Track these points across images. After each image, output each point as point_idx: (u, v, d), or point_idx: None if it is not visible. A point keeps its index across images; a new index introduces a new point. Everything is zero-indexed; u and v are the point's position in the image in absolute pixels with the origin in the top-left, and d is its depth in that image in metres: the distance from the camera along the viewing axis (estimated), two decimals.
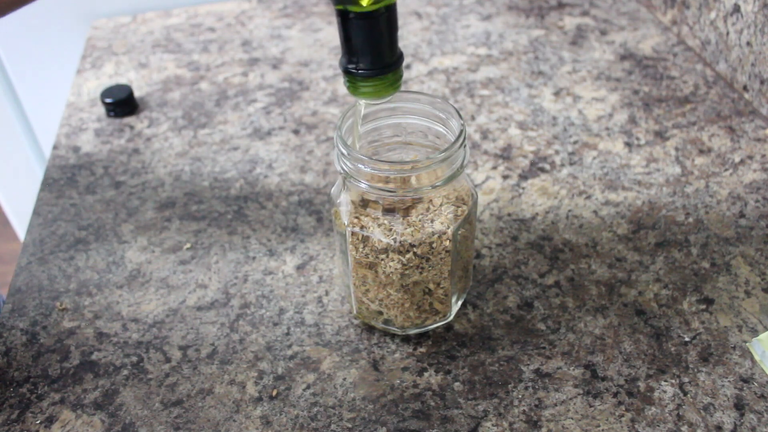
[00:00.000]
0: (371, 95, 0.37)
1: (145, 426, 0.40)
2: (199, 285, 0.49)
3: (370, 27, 0.34)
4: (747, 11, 0.61)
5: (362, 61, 0.35)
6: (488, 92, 0.68)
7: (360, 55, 0.35)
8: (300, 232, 0.53)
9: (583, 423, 0.39)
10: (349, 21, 0.34)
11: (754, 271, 0.48)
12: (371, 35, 0.34)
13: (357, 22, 0.34)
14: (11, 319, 0.47)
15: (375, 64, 0.35)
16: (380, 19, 0.34)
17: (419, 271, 0.40)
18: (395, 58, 0.36)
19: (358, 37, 0.34)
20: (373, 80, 0.36)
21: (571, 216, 0.53)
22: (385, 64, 0.35)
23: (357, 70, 0.35)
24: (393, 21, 0.34)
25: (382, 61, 0.35)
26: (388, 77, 0.36)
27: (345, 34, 0.34)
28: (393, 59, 0.36)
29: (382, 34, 0.34)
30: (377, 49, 0.35)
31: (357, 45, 0.34)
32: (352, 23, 0.34)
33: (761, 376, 0.41)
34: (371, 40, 0.34)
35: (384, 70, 0.35)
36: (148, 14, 0.87)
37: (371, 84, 0.36)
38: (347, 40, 0.35)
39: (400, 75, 0.37)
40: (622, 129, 0.62)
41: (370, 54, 0.35)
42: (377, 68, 0.35)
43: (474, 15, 0.81)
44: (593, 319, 0.45)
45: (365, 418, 0.40)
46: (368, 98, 0.37)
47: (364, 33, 0.34)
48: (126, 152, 0.63)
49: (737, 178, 0.56)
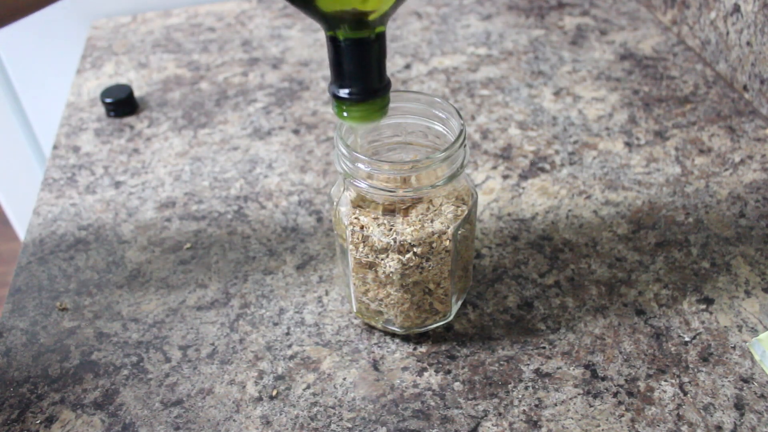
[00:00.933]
0: (359, 120, 0.37)
1: (145, 426, 0.40)
2: (199, 285, 0.49)
3: (360, 52, 0.34)
4: (747, 11, 0.61)
5: (350, 86, 0.36)
6: (488, 92, 0.68)
7: (348, 79, 0.35)
8: (300, 232, 0.53)
9: (583, 423, 0.39)
10: (340, 46, 0.34)
11: (754, 271, 0.48)
12: (361, 61, 0.35)
13: (348, 48, 0.34)
14: (11, 319, 0.48)
15: (364, 89, 0.36)
16: (371, 45, 0.34)
17: (419, 271, 0.40)
18: (384, 84, 0.36)
19: (347, 62, 0.35)
20: (360, 105, 0.36)
21: (571, 216, 0.53)
22: (373, 90, 0.36)
23: (347, 95, 0.36)
24: (382, 48, 0.35)
25: (371, 87, 0.36)
26: (376, 102, 0.36)
27: (335, 59, 0.35)
28: (381, 85, 0.36)
29: (372, 60, 0.35)
30: (366, 75, 0.35)
31: (345, 70, 0.35)
32: (343, 49, 0.34)
33: (761, 376, 0.41)
34: (361, 65, 0.35)
35: (372, 96, 0.36)
36: (148, 14, 0.87)
37: (359, 109, 0.36)
38: (337, 66, 0.35)
39: (388, 101, 0.37)
40: (622, 129, 0.62)
41: (360, 79, 0.35)
42: (366, 94, 0.36)
43: (474, 15, 0.81)
44: (593, 319, 0.45)
45: (365, 418, 0.40)
46: (356, 123, 0.37)
47: (355, 59, 0.35)
48: (126, 152, 0.63)
49: (737, 178, 0.56)
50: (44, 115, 0.94)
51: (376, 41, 0.34)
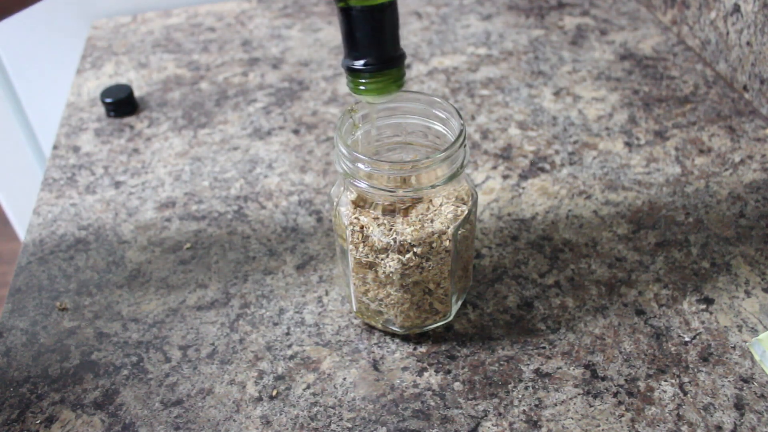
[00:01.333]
0: (374, 93, 0.36)
1: (145, 426, 0.40)
2: (199, 285, 0.49)
3: (373, 20, 0.34)
4: (747, 11, 0.61)
5: (365, 56, 0.35)
6: (488, 92, 0.68)
7: (362, 50, 0.35)
8: (300, 232, 0.53)
9: (583, 423, 0.39)
10: (352, 16, 0.34)
11: (754, 271, 0.48)
12: (374, 29, 0.34)
13: (359, 16, 0.34)
14: (11, 319, 0.48)
15: (378, 59, 0.35)
16: (383, 12, 0.34)
17: (419, 271, 0.40)
18: (398, 54, 0.36)
19: (361, 31, 0.34)
20: (376, 77, 0.36)
21: (571, 216, 0.53)
22: (388, 58, 0.35)
23: (362, 66, 0.35)
24: (395, 16, 0.35)
25: (385, 56, 0.35)
26: (391, 72, 0.36)
27: (348, 30, 0.34)
28: (397, 54, 0.35)
29: (385, 28, 0.34)
30: (380, 44, 0.35)
31: (359, 40, 0.34)
32: (354, 18, 0.34)
33: (761, 376, 0.41)
34: (374, 34, 0.34)
35: (387, 65, 0.35)
36: (148, 14, 0.87)
37: (374, 81, 0.36)
38: (350, 37, 0.35)
39: (403, 73, 0.36)
40: (622, 129, 0.62)
41: (373, 49, 0.35)
42: (380, 63, 0.35)
43: (474, 15, 0.81)
44: (593, 319, 0.45)
45: (365, 418, 0.40)
46: (371, 96, 0.37)
47: (368, 27, 0.34)
48: (126, 152, 0.63)
49: (737, 178, 0.56)
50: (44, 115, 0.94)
51: (389, 8, 0.34)
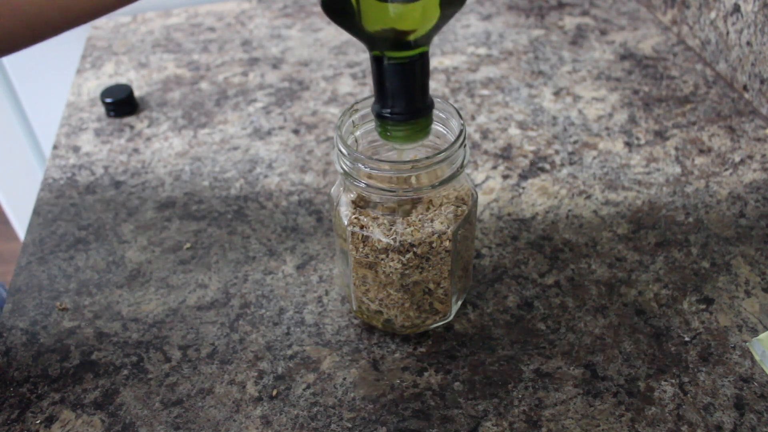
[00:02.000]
0: (402, 140, 0.37)
1: (145, 426, 0.40)
2: (199, 285, 0.49)
3: (403, 72, 0.34)
4: (747, 11, 0.61)
5: (394, 105, 0.36)
6: (488, 92, 0.68)
7: (392, 99, 0.35)
8: (300, 232, 0.53)
9: (583, 423, 0.39)
10: (383, 66, 0.34)
11: (754, 271, 0.48)
12: (404, 81, 0.35)
13: (390, 68, 0.34)
14: (11, 319, 0.48)
15: (407, 109, 0.36)
16: (413, 65, 0.34)
17: (419, 271, 0.40)
18: (427, 104, 0.36)
19: (391, 82, 0.35)
20: (403, 125, 0.36)
21: (571, 216, 0.53)
22: (416, 109, 0.36)
23: (389, 114, 0.36)
24: (425, 68, 0.35)
25: (413, 107, 0.36)
26: (419, 122, 0.36)
27: (378, 79, 0.35)
28: (424, 105, 0.36)
29: (414, 80, 0.35)
30: (409, 95, 0.35)
31: (389, 90, 0.35)
32: (385, 68, 0.34)
33: (761, 376, 0.41)
34: (403, 85, 0.35)
35: (415, 115, 0.36)
36: (148, 14, 0.87)
37: (401, 129, 0.36)
38: (380, 85, 0.35)
39: (431, 121, 0.37)
40: (622, 129, 0.62)
41: (403, 99, 0.35)
42: (409, 113, 0.36)
43: (474, 15, 0.81)
44: (593, 319, 0.45)
45: (365, 418, 0.40)
46: (399, 143, 0.38)
47: (397, 78, 0.35)
48: (126, 152, 0.63)
49: (737, 178, 0.56)
50: (44, 115, 0.94)
51: (419, 61, 0.34)
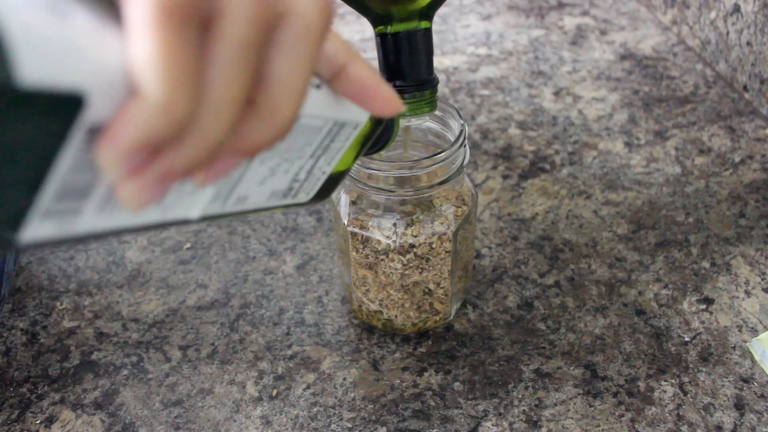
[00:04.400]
0: (409, 112, 0.38)
1: (145, 426, 0.40)
2: (199, 285, 0.49)
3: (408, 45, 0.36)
4: (747, 11, 0.61)
5: (401, 78, 0.37)
6: (488, 92, 0.68)
7: (398, 72, 0.36)
8: (300, 232, 0.53)
9: (583, 423, 0.39)
10: (388, 40, 0.36)
11: (754, 271, 0.48)
12: (409, 53, 0.36)
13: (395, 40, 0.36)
14: (11, 319, 0.48)
15: (413, 80, 0.37)
16: (418, 37, 0.36)
17: (419, 272, 0.40)
18: (432, 77, 0.37)
19: (397, 55, 0.36)
20: (411, 98, 0.37)
21: (571, 216, 0.53)
22: (423, 81, 0.37)
23: (396, 87, 0.37)
24: (429, 41, 0.36)
25: (420, 78, 0.37)
26: (425, 94, 0.37)
27: (384, 55, 0.36)
28: (430, 77, 0.37)
29: (420, 52, 0.36)
30: (415, 67, 0.36)
31: (395, 63, 0.36)
32: (390, 42, 0.36)
33: (761, 376, 0.41)
34: (409, 57, 0.36)
35: (421, 87, 0.37)
36: None
37: (409, 101, 0.37)
38: (386, 61, 0.36)
39: (436, 96, 0.38)
40: (622, 129, 0.62)
41: (408, 71, 0.36)
42: (415, 85, 0.37)
43: (474, 15, 0.81)
44: (593, 319, 0.45)
45: (365, 418, 0.40)
46: (406, 117, 0.38)
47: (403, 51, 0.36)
48: None
49: (737, 178, 0.56)
50: None
51: (423, 33, 0.36)
